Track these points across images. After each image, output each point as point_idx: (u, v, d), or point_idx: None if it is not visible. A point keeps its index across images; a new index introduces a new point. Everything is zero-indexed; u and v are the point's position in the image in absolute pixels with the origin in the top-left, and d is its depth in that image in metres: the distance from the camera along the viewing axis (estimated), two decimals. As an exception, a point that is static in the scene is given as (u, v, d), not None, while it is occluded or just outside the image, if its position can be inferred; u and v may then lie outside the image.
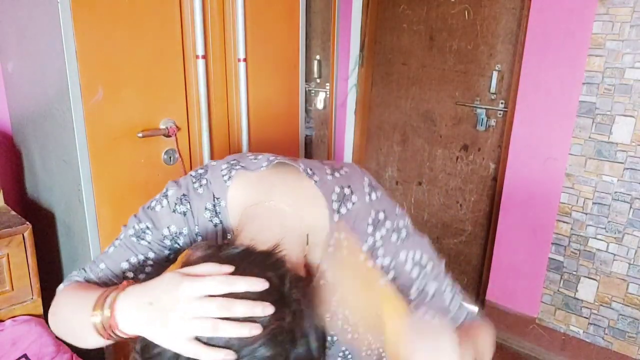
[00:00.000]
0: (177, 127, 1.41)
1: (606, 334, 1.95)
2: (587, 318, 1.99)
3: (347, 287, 0.69)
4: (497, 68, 2.17)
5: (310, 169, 0.71)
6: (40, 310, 1.39)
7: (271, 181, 0.71)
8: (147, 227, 0.72)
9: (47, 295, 1.50)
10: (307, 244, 0.67)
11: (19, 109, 1.54)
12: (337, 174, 0.72)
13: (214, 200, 0.71)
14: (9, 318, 1.32)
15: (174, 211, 0.72)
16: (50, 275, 1.60)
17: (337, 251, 0.69)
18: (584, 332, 2.00)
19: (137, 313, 0.53)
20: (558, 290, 2.04)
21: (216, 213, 0.71)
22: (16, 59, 1.46)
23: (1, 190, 1.44)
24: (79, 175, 1.26)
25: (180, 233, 0.72)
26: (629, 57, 1.72)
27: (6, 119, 1.62)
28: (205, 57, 1.44)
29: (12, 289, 1.32)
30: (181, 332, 0.49)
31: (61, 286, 0.74)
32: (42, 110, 1.38)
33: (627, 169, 1.79)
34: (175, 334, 0.49)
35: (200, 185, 0.72)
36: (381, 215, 0.70)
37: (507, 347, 2.17)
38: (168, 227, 0.72)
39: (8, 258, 1.30)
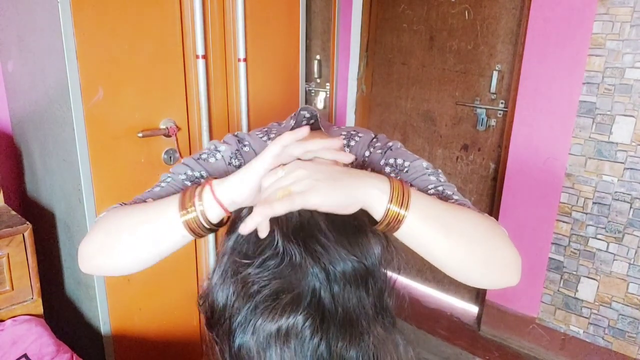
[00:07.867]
0: (177, 127, 1.41)
1: (606, 334, 1.95)
2: (587, 318, 1.99)
3: None
4: (497, 68, 2.17)
5: (325, 124, 0.87)
6: (40, 310, 1.38)
7: None
8: (202, 175, 0.75)
9: (47, 295, 1.50)
10: None
11: (19, 109, 1.54)
12: (343, 127, 0.88)
13: None
14: (9, 318, 1.32)
15: (229, 164, 0.77)
16: (50, 275, 1.60)
17: None
18: (584, 332, 2.00)
19: (243, 170, 0.61)
20: (558, 290, 2.04)
21: None
22: (16, 58, 1.46)
23: (1, 190, 1.44)
24: (79, 175, 1.26)
25: None
26: (629, 57, 1.72)
27: (6, 118, 1.62)
28: (205, 57, 1.44)
29: (12, 289, 1.32)
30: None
31: (103, 213, 0.70)
32: (42, 110, 1.38)
33: (627, 168, 1.79)
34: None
35: (244, 146, 0.81)
36: (374, 141, 0.83)
37: (507, 347, 2.17)
38: None
39: (8, 258, 1.30)
